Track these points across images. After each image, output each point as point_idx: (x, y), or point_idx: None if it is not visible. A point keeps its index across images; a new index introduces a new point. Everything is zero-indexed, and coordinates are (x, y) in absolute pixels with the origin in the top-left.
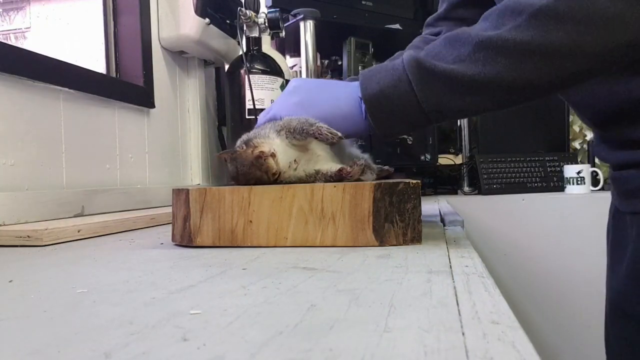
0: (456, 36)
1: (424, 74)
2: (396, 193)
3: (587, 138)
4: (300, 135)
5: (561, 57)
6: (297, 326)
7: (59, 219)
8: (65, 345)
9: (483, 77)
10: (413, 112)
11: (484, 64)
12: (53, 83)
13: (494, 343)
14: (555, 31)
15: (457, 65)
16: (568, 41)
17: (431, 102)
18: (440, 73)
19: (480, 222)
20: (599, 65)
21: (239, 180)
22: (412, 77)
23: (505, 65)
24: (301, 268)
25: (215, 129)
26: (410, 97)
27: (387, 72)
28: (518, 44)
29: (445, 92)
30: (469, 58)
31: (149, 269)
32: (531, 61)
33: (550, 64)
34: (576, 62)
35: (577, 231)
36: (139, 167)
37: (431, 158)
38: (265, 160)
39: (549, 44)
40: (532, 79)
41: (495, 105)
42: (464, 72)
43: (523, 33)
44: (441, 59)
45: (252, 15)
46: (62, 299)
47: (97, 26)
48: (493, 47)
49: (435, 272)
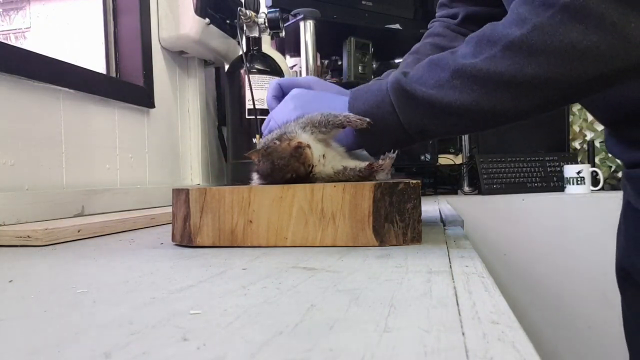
0: (438, 60)
1: (405, 98)
2: (396, 193)
3: (587, 138)
4: (326, 128)
5: (533, 89)
6: (297, 326)
7: (59, 219)
8: (65, 345)
9: (460, 104)
10: (397, 133)
11: (461, 91)
12: (53, 83)
13: (494, 343)
14: (528, 64)
15: (436, 90)
16: (541, 73)
17: (413, 124)
18: (420, 98)
19: (480, 222)
20: (574, 95)
21: (274, 176)
22: (395, 100)
23: (481, 94)
24: (301, 268)
25: (215, 129)
26: (394, 119)
27: (372, 93)
28: (492, 75)
29: (426, 116)
30: (447, 84)
31: (149, 269)
32: (506, 91)
33: (524, 95)
34: (550, 93)
35: (577, 231)
36: (139, 167)
37: (431, 158)
38: (304, 150)
39: (521, 76)
40: (507, 107)
41: (476, 127)
42: (442, 97)
43: (497, 64)
44: (422, 83)
45: (252, 15)
46: (62, 299)
47: (97, 26)
48: (468, 75)
49: (435, 272)
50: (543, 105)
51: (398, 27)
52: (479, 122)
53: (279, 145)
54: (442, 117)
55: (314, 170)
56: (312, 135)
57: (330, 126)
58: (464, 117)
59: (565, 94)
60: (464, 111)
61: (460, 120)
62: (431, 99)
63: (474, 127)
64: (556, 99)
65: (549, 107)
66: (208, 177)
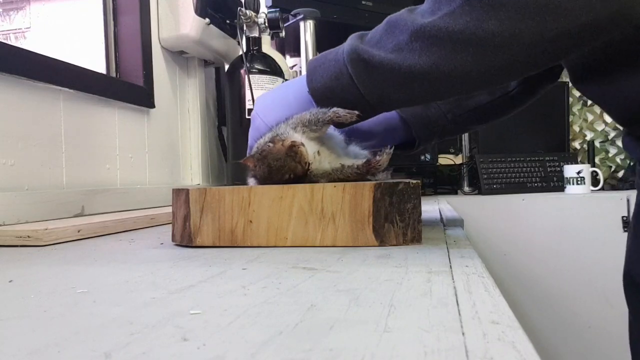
0: (396, 21)
1: (363, 66)
2: (396, 193)
3: (587, 138)
4: (316, 125)
5: (495, 47)
6: (297, 326)
7: (59, 219)
8: (65, 345)
9: (420, 68)
10: (358, 103)
11: (420, 54)
12: (53, 83)
13: (494, 343)
14: (488, 19)
15: (395, 54)
16: (502, 30)
17: (374, 94)
18: (378, 64)
19: (480, 222)
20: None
21: (273, 178)
22: (352, 70)
23: (441, 56)
24: (301, 268)
25: (215, 129)
26: (354, 90)
27: (329, 63)
28: (451, 33)
29: (387, 84)
30: (406, 47)
31: (149, 269)
32: (466, 51)
33: (485, 55)
34: (512, 53)
35: (577, 231)
36: (139, 167)
37: (431, 158)
38: (298, 148)
39: (481, 32)
40: (469, 70)
41: (439, 95)
42: (401, 62)
43: (456, 21)
44: (380, 47)
45: (252, 15)
46: (62, 299)
47: (97, 26)
48: (427, 36)
49: (435, 272)
50: (507, 68)
51: None
52: (441, 87)
53: (273, 147)
54: (403, 84)
55: (310, 167)
56: (304, 135)
57: (320, 123)
58: (425, 82)
59: (529, 54)
60: (425, 75)
61: (422, 86)
62: (390, 65)
63: (437, 93)
64: (520, 60)
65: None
66: (208, 177)
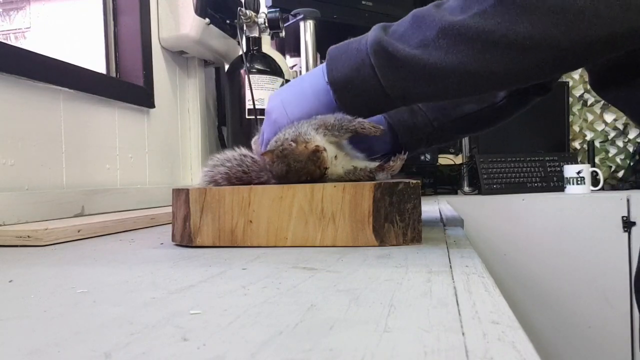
0: (423, 16)
1: (386, 59)
2: (396, 193)
3: (587, 138)
4: (339, 132)
5: (525, 49)
6: (297, 326)
7: (59, 219)
8: (65, 345)
9: (446, 65)
10: (378, 97)
11: (447, 51)
12: (53, 83)
13: (494, 343)
14: (521, 21)
15: (420, 50)
16: (533, 33)
17: (395, 87)
18: (402, 58)
19: (480, 222)
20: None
21: (289, 178)
22: (375, 61)
23: (468, 55)
24: (301, 268)
25: (215, 129)
26: (374, 82)
27: (351, 53)
28: (481, 33)
29: (409, 78)
30: (433, 43)
31: (149, 269)
32: (495, 52)
33: (515, 56)
34: (542, 56)
35: (577, 231)
36: (139, 167)
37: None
38: (322, 154)
39: (512, 34)
40: (496, 70)
41: (461, 92)
42: (427, 58)
43: (487, 21)
44: (405, 41)
45: (252, 15)
46: (62, 299)
47: (97, 26)
48: (456, 34)
49: (435, 272)
50: (535, 70)
51: None
52: (466, 86)
53: (296, 148)
54: (426, 80)
55: (327, 172)
56: (325, 138)
57: (342, 130)
58: (450, 80)
59: (558, 57)
60: (450, 73)
61: (445, 84)
62: (415, 60)
63: (460, 91)
64: (548, 63)
65: (542, 73)
66: None
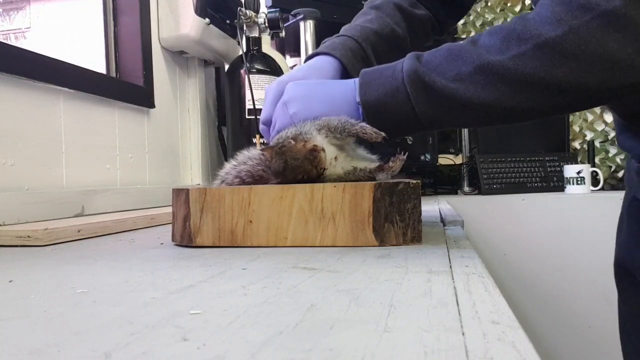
0: (459, 51)
1: (422, 88)
2: (396, 193)
3: (587, 138)
4: (341, 134)
5: (561, 92)
6: (297, 326)
7: (59, 219)
8: (65, 345)
9: (481, 100)
10: (410, 121)
11: (484, 87)
12: (53, 83)
13: (494, 343)
14: (559, 67)
15: (456, 84)
16: (570, 78)
17: (428, 114)
18: (439, 90)
19: (480, 222)
20: (598, 100)
21: (286, 175)
22: (411, 89)
23: (504, 93)
24: (301, 268)
25: (215, 129)
26: (408, 109)
27: (386, 79)
28: (520, 74)
29: (443, 108)
30: (469, 78)
31: (149, 269)
32: (531, 92)
33: (550, 96)
34: (575, 97)
35: (577, 231)
36: (139, 167)
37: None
38: (319, 154)
39: (550, 78)
40: (529, 107)
41: (491, 122)
42: (463, 92)
43: (526, 63)
44: (440, 73)
45: (252, 15)
46: (62, 299)
47: (97, 26)
48: (494, 72)
49: (435, 272)
50: (565, 107)
51: None
52: (495, 118)
53: (294, 146)
54: (458, 111)
55: (325, 173)
56: (327, 139)
57: (345, 134)
58: (481, 112)
59: (590, 99)
60: (483, 107)
61: (476, 115)
62: (451, 93)
63: (489, 122)
64: (580, 102)
65: (570, 110)
66: (208, 177)
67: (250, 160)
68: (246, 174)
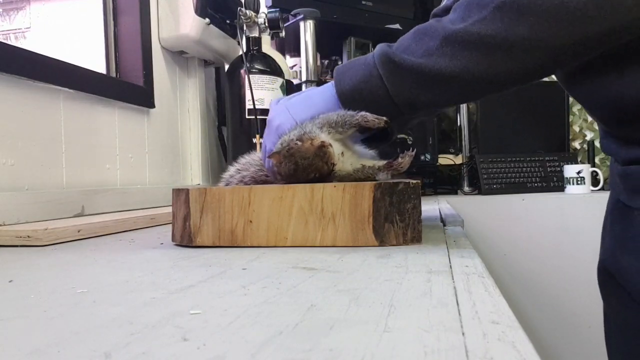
0: (425, 29)
1: (393, 68)
2: (396, 193)
3: (587, 138)
4: (343, 128)
5: (525, 51)
6: (297, 326)
7: (59, 219)
8: (65, 345)
9: (451, 71)
10: (385, 105)
11: (451, 57)
12: (53, 83)
13: (494, 343)
14: (518, 25)
15: (425, 59)
16: (530, 34)
17: (402, 95)
18: (409, 67)
19: (480, 222)
20: (563, 58)
21: (298, 176)
22: (383, 71)
23: (472, 59)
24: (301, 268)
25: (215, 129)
26: (382, 92)
27: (359, 67)
28: (483, 38)
29: (416, 86)
30: (437, 52)
31: (149, 269)
32: (496, 55)
33: (515, 58)
34: (540, 55)
35: (577, 231)
36: (139, 167)
37: (431, 158)
38: (327, 149)
39: (512, 37)
40: (498, 72)
41: (464, 96)
42: (432, 66)
43: (487, 26)
44: (410, 52)
45: (252, 15)
46: (62, 299)
47: (97, 26)
48: (459, 41)
49: (435, 272)
50: (534, 70)
51: (398, 27)
52: (469, 89)
53: (302, 146)
54: (431, 86)
55: (335, 168)
56: (330, 135)
57: (347, 126)
58: (454, 84)
59: (555, 55)
60: (454, 78)
61: (450, 88)
62: (421, 68)
63: (464, 95)
64: (548, 62)
65: (542, 72)
66: (208, 177)
67: (252, 167)
68: (250, 180)
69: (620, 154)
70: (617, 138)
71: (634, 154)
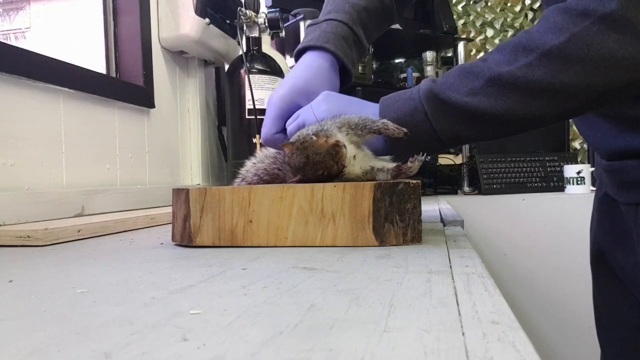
0: (470, 68)
1: (439, 105)
2: (396, 193)
3: None
4: (362, 131)
5: (569, 95)
6: (297, 326)
7: (59, 219)
8: (65, 345)
9: (495, 111)
10: (430, 139)
11: (496, 98)
12: (53, 83)
13: (494, 343)
14: (565, 72)
15: (470, 97)
16: (577, 81)
17: (446, 130)
18: (454, 105)
19: (480, 222)
20: (606, 100)
21: (306, 171)
22: (428, 107)
23: (516, 101)
24: (301, 268)
25: (215, 129)
26: (427, 127)
27: (404, 101)
28: (529, 82)
29: (460, 123)
30: (481, 91)
31: (149, 269)
32: (541, 98)
33: (560, 101)
34: (584, 99)
35: (577, 231)
36: (139, 167)
37: (431, 158)
38: (341, 149)
39: (558, 83)
40: (541, 113)
41: (507, 133)
42: (477, 105)
43: (534, 72)
44: (455, 90)
45: (252, 15)
46: (62, 299)
47: (97, 26)
48: (505, 83)
49: (435, 272)
50: (575, 111)
51: (398, 27)
52: (511, 128)
53: (316, 141)
54: (475, 124)
55: (344, 170)
56: (347, 137)
57: (366, 130)
58: (497, 123)
59: (598, 99)
60: (497, 118)
61: (492, 127)
62: (466, 106)
63: (506, 132)
64: (589, 104)
65: (582, 112)
66: (208, 177)
67: (267, 159)
68: (263, 172)
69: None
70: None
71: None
